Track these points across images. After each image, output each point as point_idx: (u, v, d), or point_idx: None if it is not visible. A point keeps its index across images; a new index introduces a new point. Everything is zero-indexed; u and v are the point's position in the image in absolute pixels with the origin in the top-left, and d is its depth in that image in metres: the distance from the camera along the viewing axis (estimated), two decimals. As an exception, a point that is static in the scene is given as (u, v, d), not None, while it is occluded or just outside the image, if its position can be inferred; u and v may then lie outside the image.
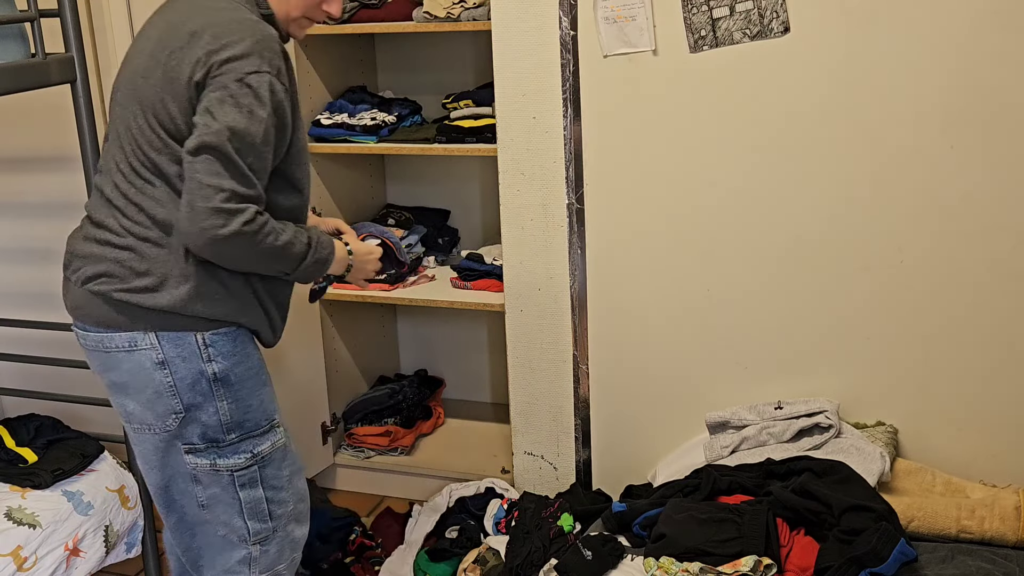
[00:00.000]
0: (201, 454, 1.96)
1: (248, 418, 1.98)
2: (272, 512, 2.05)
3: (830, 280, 2.50)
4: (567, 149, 2.61)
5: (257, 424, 1.99)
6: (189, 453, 1.97)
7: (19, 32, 2.35)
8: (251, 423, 1.98)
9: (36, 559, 2.32)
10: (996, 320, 2.40)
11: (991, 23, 2.24)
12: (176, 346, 1.90)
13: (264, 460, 2.02)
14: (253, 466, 2.00)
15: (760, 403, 2.57)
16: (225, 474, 1.98)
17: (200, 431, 1.95)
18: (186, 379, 1.91)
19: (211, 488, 1.99)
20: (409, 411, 3.41)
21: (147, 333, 1.89)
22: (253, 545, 2.05)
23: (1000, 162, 2.31)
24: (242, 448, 1.98)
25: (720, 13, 2.40)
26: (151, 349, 1.90)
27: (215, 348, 1.92)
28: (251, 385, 1.98)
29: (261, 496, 2.03)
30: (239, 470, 1.99)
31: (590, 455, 2.83)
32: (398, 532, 2.84)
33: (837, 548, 2.03)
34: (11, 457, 2.61)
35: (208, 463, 1.97)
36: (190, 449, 1.96)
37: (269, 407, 2.02)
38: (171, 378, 1.91)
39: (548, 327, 2.77)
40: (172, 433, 1.95)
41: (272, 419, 2.03)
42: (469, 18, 2.86)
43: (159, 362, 1.90)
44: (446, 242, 3.41)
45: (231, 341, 1.94)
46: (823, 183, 2.44)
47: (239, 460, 1.98)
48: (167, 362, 1.90)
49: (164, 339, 1.89)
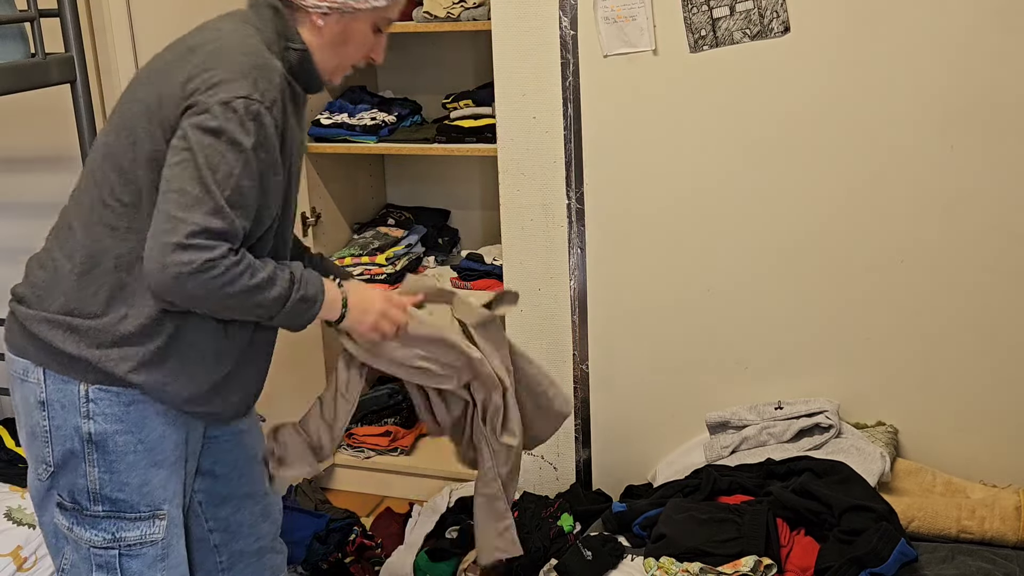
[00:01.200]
0: (67, 513, 1.72)
1: (122, 497, 1.69)
2: None
3: (830, 280, 2.50)
4: (567, 149, 2.61)
5: (133, 507, 1.70)
6: (58, 507, 1.73)
7: (19, 32, 2.35)
8: (125, 503, 1.70)
9: (36, 559, 2.32)
10: (996, 320, 2.40)
11: (991, 23, 2.24)
12: (59, 390, 1.67)
13: (129, 550, 1.72)
14: (113, 550, 1.72)
15: (760, 403, 2.57)
16: (84, 546, 1.72)
17: (69, 488, 1.71)
18: (61, 429, 1.68)
19: (73, 555, 1.75)
20: (409, 411, 3.40)
21: (36, 367, 1.68)
22: None
23: (1000, 162, 2.31)
24: (103, 525, 1.70)
25: (720, 13, 2.40)
26: (36, 385, 1.68)
27: (96, 405, 1.66)
28: (134, 461, 1.69)
29: None
30: (96, 548, 1.71)
31: (590, 455, 2.83)
32: (398, 532, 2.84)
33: (837, 548, 2.03)
34: (11, 457, 2.61)
35: (66, 525, 1.73)
36: (60, 503, 1.73)
37: (157, 494, 1.72)
38: (47, 423, 1.69)
39: (548, 327, 2.77)
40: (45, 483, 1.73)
41: (157, 509, 1.72)
42: (469, 18, 2.86)
43: (40, 402, 1.68)
44: (446, 242, 3.41)
45: (122, 405, 1.67)
46: (823, 183, 2.44)
47: (96, 537, 1.71)
48: (47, 404, 1.68)
49: (49, 378, 1.67)
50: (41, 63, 2.32)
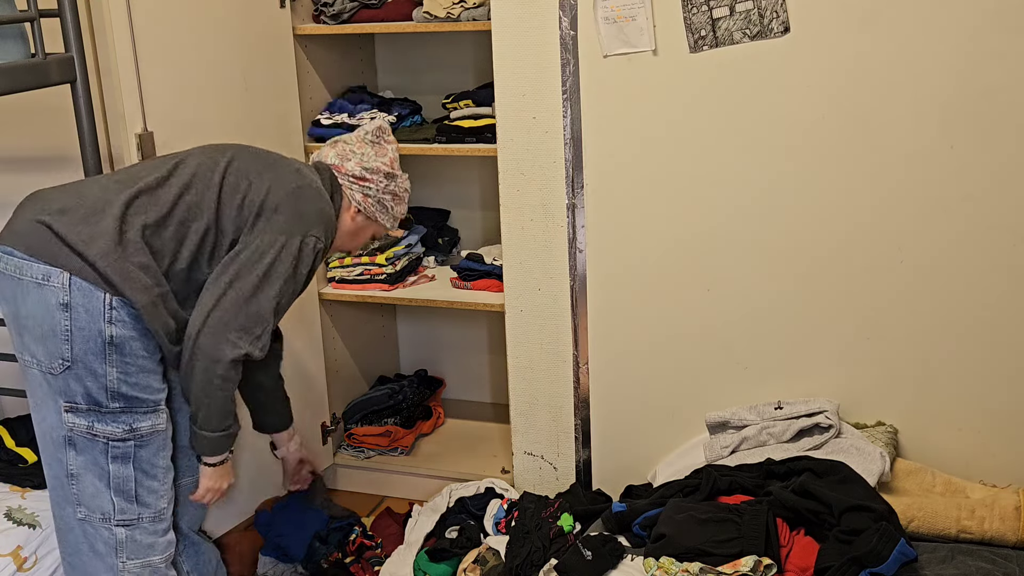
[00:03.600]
0: (81, 415, 1.99)
1: (133, 394, 2.01)
2: (139, 496, 2.07)
3: (830, 280, 2.50)
4: (567, 149, 2.61)
5: (142, 402, 2.03)
6: (69, 412, 1.99)
7: (19, 32, 2.35)
8: (136, 399, 2.02)
9: (36, 559, 2.32)
10: (996, 320, 2.40)
11: (991, 23, 2.24)
12: (84, 296, 1.95)
13: (141, 440, 2.04)
14: (129, 440, 2.02)
15: (760, 403, 2.57)
16: (100, 440, 2.01)
17: (83, 390, 1.98)
18: (84, 330, 1.95)
19: (83, 455, 2.02)
20: (409, 411, 3.41)
21: (62, 273, 1.94)
22: (117, 527, 2.06)
23: (1000, 162, 2.31)
24: (122, 419, 2.01)
25: (720, 13, 2.40)
26: (60, 289, 1.94)
27: (118, 312, 1.96)
28: (142, 364, 2.02)
29: (131, 475, 2.05)
30: (115, 440, 2.01)
31: (590, 455, 2.83)
32: (398, 532, 2.84)
33: (837, 548, 2.03)
34: (11, 457, 2.61)
35: (86, 425, 2.00)
36: (71, 408, 1.99)
37: (157, 394, 2.06)
38: (69, 323, 1.95)
39: (548, 327, 2.77)
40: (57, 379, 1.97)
41: (158, 404, 2.07)
42: (469, 18, 2.86)
43: (63, 303, 1.94)
44: (446, 242, 3.41)
45: (135, 317, 1.99)
46: (823, 183, 2.44)
47: (116, 429, 2.01)
48: (73, 306, 1.94)
49: (75, 285, 1.94)
50: (41, 63, 2.32)
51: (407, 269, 3.20)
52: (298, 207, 2.10)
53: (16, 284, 1.98)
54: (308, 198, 2.13)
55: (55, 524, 2.12)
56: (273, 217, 2.07)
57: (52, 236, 1.96)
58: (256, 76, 2.82)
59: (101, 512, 2.05)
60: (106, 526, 2.06)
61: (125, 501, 2.05)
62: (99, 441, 2.01)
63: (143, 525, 2.09)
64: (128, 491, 2.05)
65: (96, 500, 2.04)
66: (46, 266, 1.95)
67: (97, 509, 2.05)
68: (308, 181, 2.15)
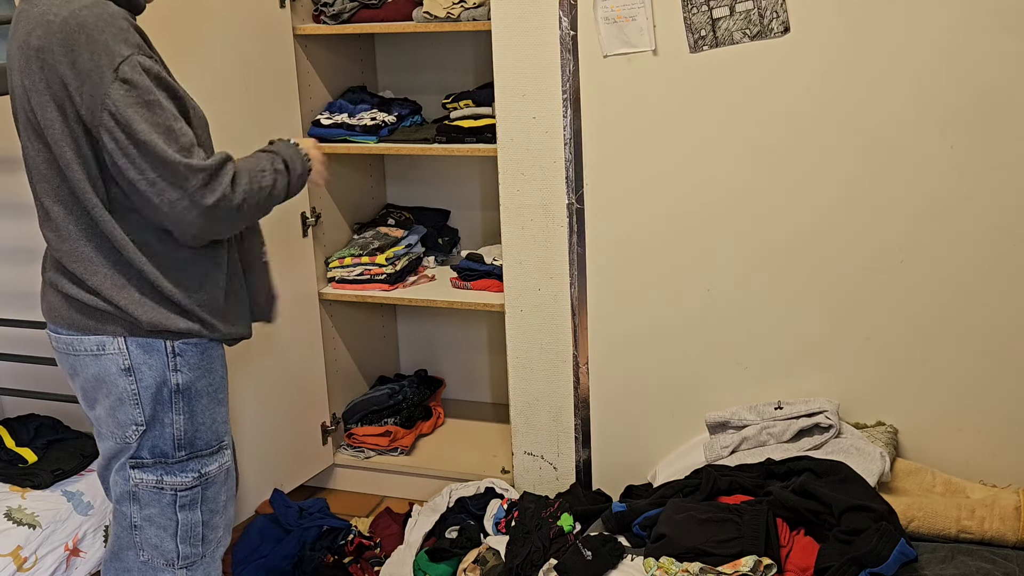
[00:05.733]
0: (148, 470, 1.91)
1: (199, 436, 1.92)
2: (205, 536, 1.99)
3: (830, 280, 2.50)
4: (567, 149, 2.61)
5: (207, 444, 1.94)
6: (135, 468, 1.91)
7: (19, 32, 2.34)
8: (202, 442, 1.93)
9: (36, 559, 2.32)
10: (996, 320, 2.40)
11: (991, 23, 2.24)
12: (144, 352, 1.85)
13: (208, 482, 1.96)
14: (197, 487, 1.94)
15: (760, 403, 2.57)
16: (168, 493, 1.92)
17: (150, 445, 1.89)
18: (150, 388, 1.86)
19: (148, 508, 1.93)
20: (409, 411, 3.41)
21: (115, 338, 1.84)
22: (180, 569, 1.99)
23: (1000, 162, 2.31)
24: (190, 467, 1.93)
25: (720, 13, 2.40)
26: (118, 355, 1.85)
27: (183, 358, 1.87)
28: (207, 402, 1.93)
29: (199, 519, 1.97)
30: (183, 490, 1.93)
31: (590, 455, 2.83)
32: (398, 532, 2.84)
33: (837, 548, 2.03)
34: (11, 457, 2.61)
35: (154, 480, 1.91)
36: (136, 464, 1.91)
37: (221, 428, 1.97)
38: (135, 385, 1.86)
39: (548, 327, 2.77)
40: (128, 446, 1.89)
41: (222, 441, 1.98)
42: (469, 18, 2.86)
43: (125, 368, 1.85)
44: (446, 242, 3.41)
45: (199, 353, 1.90)
46: (823, 183, 2.44)
47: (186, 479, 1.92)
48: (133, 368, 1.85)
49: (132, 344, 1.84)
50: (41, 63, 2.31)
51: (407, 269, 3.20)
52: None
53: (74, 360, 1.89)
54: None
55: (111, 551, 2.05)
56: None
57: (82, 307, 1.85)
58: (256, 76, 2.82)
59: (165, 558, 1.98)
60: (169, 570, 1.99)
61: (190, 547, 1.98)
62: (166, 493, 1.92)
63: (204, 561, 2.02)
64: (195, 535, 1.98)
65: (160, 548, 1.97)
66: (96, 336, 1.85)
67: (160, 556, 1.98)
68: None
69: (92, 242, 1.81)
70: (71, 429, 2.75)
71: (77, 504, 2.48)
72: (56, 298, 1.88)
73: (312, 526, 2.81)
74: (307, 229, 3.08)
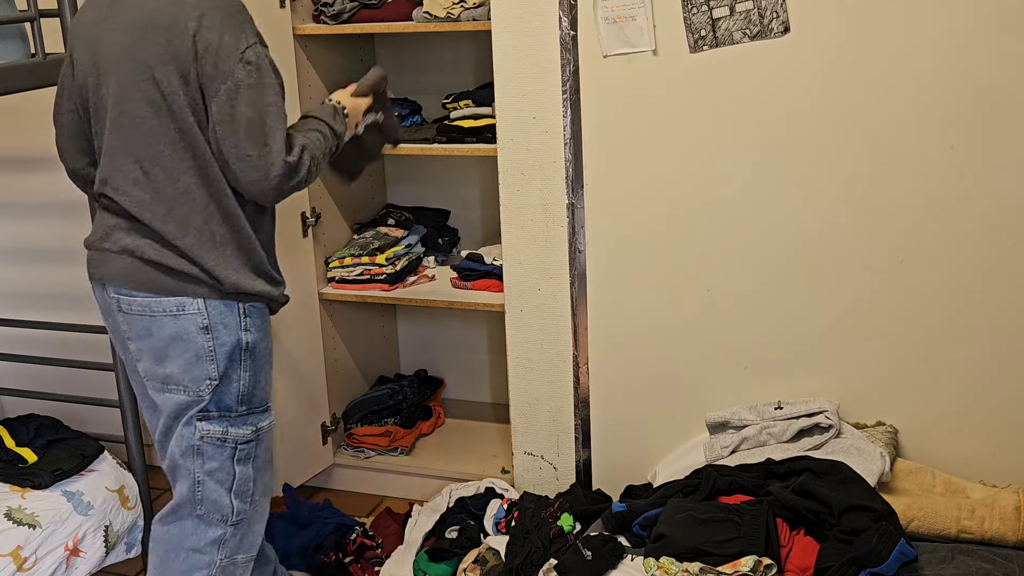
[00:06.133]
0: (214, 422, 2.06)
1: (255, 394, 2.10)
2: (252, 494, 2.15)
3: (830, 280, 2.50)
4: (567, 149, 2.61)
5: (261, 401, 2.12)
6: (202, 420, 2.06)
7: (19, 32, 2.35)
8: (257, 399, 2.11)
9: (36, 559, 2.33)
10: (996, 320, 2.40)
11: (991, 23, 2.24)
12: (220, 313, 2.02)
13: (259, 438, 2.13)
14: (253, 441, 2.11)
15: (760, 403, 2.57)
16: (229, 446, 2.09)
17: (217, 399, 2.05)
18: (225, 346, 2.03)
19: (211, 462, 2.08)
20: (409, 411, 3.40)
21: (195, 299, 2.01)
22: (230, 526, 2.13)
23: (1000, 162, 2.31)
24: (249, 421, 2.10)
25: (720, 13, 2.40)
26: (198, 314, 2.01)
27: (251, 319, 2.06)
28: (263, 363, 2.11)
29: (250, 475, 2.13)
30: (243, 443, 2.10)
31: (590, 455, 2.83)
32: (398, 532, 2.84)
33: (837, 548, 2.03)
34: (11, 457, 2.61)
35: (220, 431, 2.07)
36: (203, 416, 2.06)
37: (269, 388, 2.15)
38: (212, 343, 2.02)
39: (548, 327, 2.77)
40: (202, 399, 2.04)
41: (269, 400, 2.16)
42: (469, 18, 2.86)
43: (204, 327, 2.01)
44: (446, 242, 3.41)
45: (260, 316, 2.09)
46: (823, 183, 2.44)
47: (246, 432, 2.09)
48: (212, 327, 2.02)
49: (211, 305, 2.01)
50: (41, 63, 2.32)
51: (407, 269, 3.20)
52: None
53: (149, 321, 2.03)
54: None
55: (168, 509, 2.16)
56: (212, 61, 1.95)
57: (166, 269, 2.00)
58: (256, 76, 2.81)
59: (221, 513, 2.12)
60: (221, 526, 2.13)
61: (241, 502, 2.13)
62: (227, 446, 2.09)
63: (246, 522, 2.16)
64: (246, 491, 2.14)
65: (218, 503, 2.11)
66: (176, 298, 2.01)
67: (217, 511, 2.12)
68: None
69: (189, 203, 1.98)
70: (71, 429, 2.75)
71: (77, 504, 2.48)
72: (131, 263, 2.02)
73: (331, 520, 2.84)
74: (307, 229, 3.08)
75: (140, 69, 1.94)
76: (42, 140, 3.21)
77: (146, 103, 1.95)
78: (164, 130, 1.96)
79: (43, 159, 3.26)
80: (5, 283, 3.45)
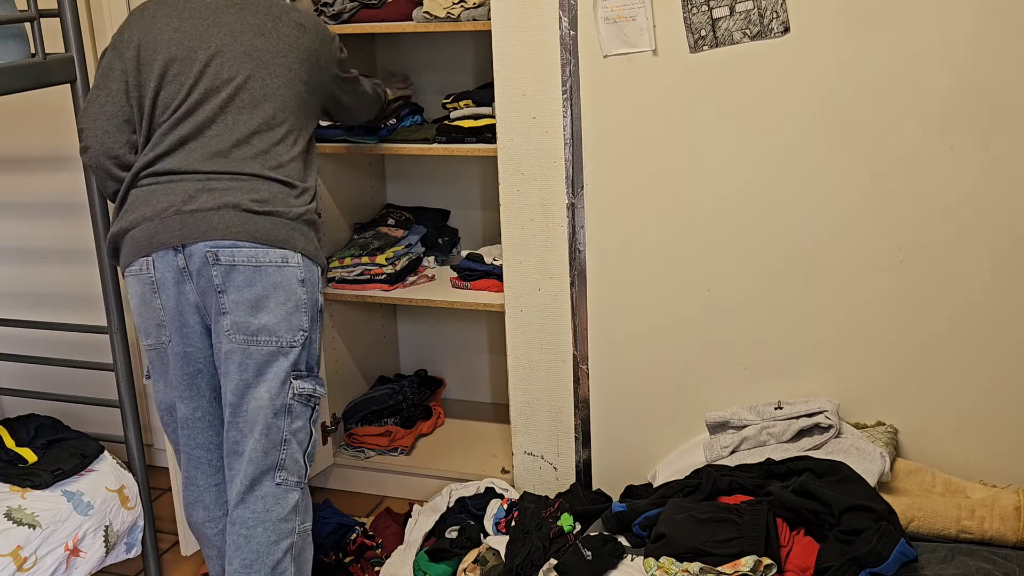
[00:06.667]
0: (306, 379, 2.19)
1: (316, 357, 2.25)
2: (311, 456, 2.28)
3: (830, 280, 2.50)
4: (567, 149, 2.61)
5: (318, 363, 2.26)
6: (297, 378, 2.18)
7: (19, 32, 2.35)
8: (316, 362, 2.25)
9: (36, 559, 2.32)
10: (996, 320, 2.40)
11: (991, 23, 2.24)
12: (310, 271, 2.20)
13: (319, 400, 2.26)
14: (319, 400, 2.25)
15: (760, 403, 2.57)
16: (312, 404, 2.22)
17: (307, 356, 2.19)
18: (310, 302, 2.19)
19: (297, 421, 2.20)
20: (409, 411, 3.41)
21: (295, 252, 2.16)
22: (301, 490, 2.24)
23: (1000, 162, 2.31)
24: (318, 380, 2.24)
25: (720, 13, 2.40)
26: (298, 267, 2.16)
27: (322, 282, 2.25)
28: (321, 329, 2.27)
29: (317, 437, 2.30)
30: (317, 404, 2.24)
31: (590, 455, 2.83)
32: (398, 532, 2.84)
33: (837, 548, 2.03)
34: (11, 457, 2.60)
35: (311, 388, 2.20)
36: (298, 375, 2.18)
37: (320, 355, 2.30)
38: (307, 296, 2.17)
39: (548, 327, 2.77)
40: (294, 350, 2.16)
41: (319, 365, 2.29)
42: (469, 18, 2.86)
43: (301, 280, 2.16)
44: (446, 242, 3.41)
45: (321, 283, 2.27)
46: (823, 183, 2.44)
47: (320, 390, 2.24)
48: (306, 281, 2.18)
49: (306, 263, 2.18)
50: (41, 63, 2.32)
51: (407, 269, 3.20)
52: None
53: (254, 271, 2.14)
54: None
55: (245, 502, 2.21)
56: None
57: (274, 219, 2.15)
58: (256, 76, 2.81)
59: (298, 475, 2.22)
60: (296, 490, 2.22)
61: (310, 462, 2.26)
62: (310, 405, 2.22)
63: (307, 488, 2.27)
64: (311, 452, 2.26)
65: (298, 463, 2.22)
66: (281, 250, 2.14)
67: (295, 473, 2.22)
68: None
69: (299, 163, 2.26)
70: (71, 429, 2.75)
71: (77, 504, 2.48)
72: (237, 215, 2.14)
73: (330, 520, 2.84)
74: (307, 229, 3.08)
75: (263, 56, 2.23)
76: (42, 140, 3.22)
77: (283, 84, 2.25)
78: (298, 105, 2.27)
79: (43, 159, 3.27)
80: (5, 283, 3.45)
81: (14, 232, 3.41)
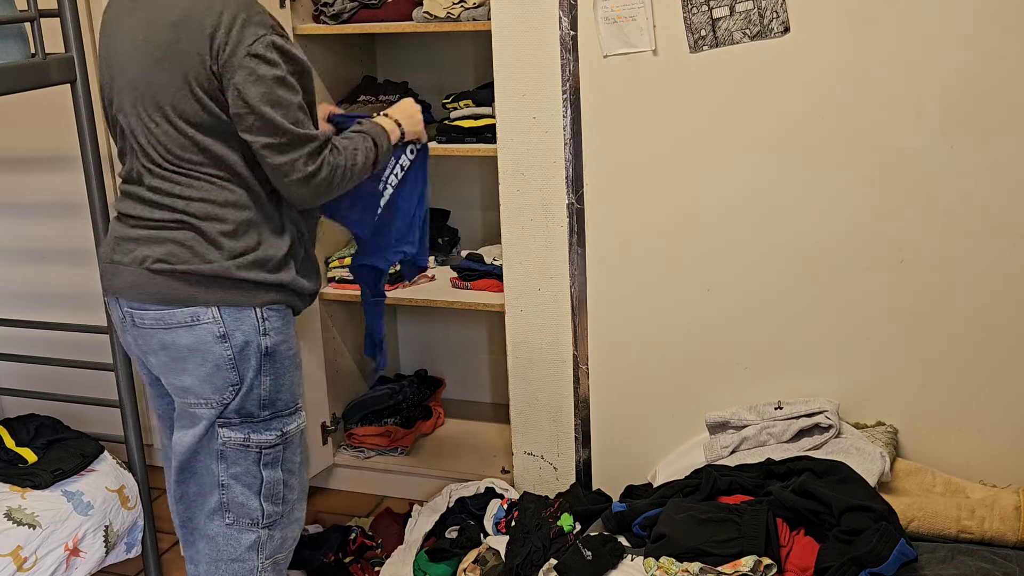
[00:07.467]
0: (235, 428, 2.04)
1: (280, 397, 2.07)
2: (285, 496, 2.13)
3: (830, 280, 2.50)
4: (567, 149, 2.61)
5: (287, 404, 2.09)
6: (223, 427, 2.04)
7: (19, 32, 2.35)
8: (282, 403, 2.08)
9: (36, 559, 2.32)
10: (996, 320, 2.40)
11: (991, 23, 2.24)
12: (236, 320, 1.99)
13: (287, 441, 2.10)
14: (279, 445, 2.09)
15: (760, 403, 2.57)
16: (254, 451, 2.06)
17: (239, 406, 2.03)
18: (243, 351, 2.00)
19: (235, 466, 2.07)
20: (409, 411, 3.41)
21: (209, 307, 1.98)
22: (263, 529, 2.12)
23: (1000, 162, 2.31)
24: (273, 425, 2.07)
25: (720, 13, 2.40)
26: (213, 323, 1.98)
27: (270, 323, 2.02)
28: (288, 365, 2.08)
29: (279, 478, 2.11)
30: (267, 447, 2.07)
31: (590, 455, 2.83)
32: (398, 532, 2.84)
33: (837, 548, 2.03)
34: (11, 457, 2.60)
35: (241, 438, 2.05)
36: (225, 423, 2.04)
37: (296, 390, 2.12)
38: (231, 352, 1.99)
39: (548, 327, 2.77)
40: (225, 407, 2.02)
41: (297, 402, 2.13)
42: (469, 18, 2.86)
43: (220, 335, 1.98)
44: (446, 242, 3.41)
45: (281, 319, 2.05)
46: (823, 183, 2.44)
47: (269, 437, 2.07)
48: (228, 335, 1.98)
49: (226, 313, 1.98)
50: (41, 63, 2.32)
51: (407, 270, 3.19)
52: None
53: (164, 333, 2.01)
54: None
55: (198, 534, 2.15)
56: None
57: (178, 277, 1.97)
58: (256, 76, 2.81)
59: (250, 517, 2.11)
60: (253, 530, 2.11)
61: (272, 505, 2.12)
62: (252, 451, 2.07)
63: (281, 522, 2.15)
64: (276, 494, 2.12)
65: (246, 506, 2.10)
66: (189, 308, 1.98)
67: (247, 515, 2.10)
68: None
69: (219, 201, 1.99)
70: (71, 429, 2.75)
71: (77, 504, 2.48)
72: (141, 275, 1.99)
73: None
74: (307, 229, 3.08)
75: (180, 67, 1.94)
76: (42, 140, 3.22)
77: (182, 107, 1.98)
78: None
79: (43, 159, 3.27)
80: (5, 283, 3.45)
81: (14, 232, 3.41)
